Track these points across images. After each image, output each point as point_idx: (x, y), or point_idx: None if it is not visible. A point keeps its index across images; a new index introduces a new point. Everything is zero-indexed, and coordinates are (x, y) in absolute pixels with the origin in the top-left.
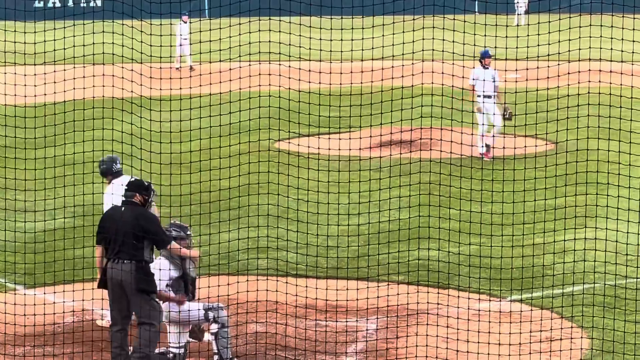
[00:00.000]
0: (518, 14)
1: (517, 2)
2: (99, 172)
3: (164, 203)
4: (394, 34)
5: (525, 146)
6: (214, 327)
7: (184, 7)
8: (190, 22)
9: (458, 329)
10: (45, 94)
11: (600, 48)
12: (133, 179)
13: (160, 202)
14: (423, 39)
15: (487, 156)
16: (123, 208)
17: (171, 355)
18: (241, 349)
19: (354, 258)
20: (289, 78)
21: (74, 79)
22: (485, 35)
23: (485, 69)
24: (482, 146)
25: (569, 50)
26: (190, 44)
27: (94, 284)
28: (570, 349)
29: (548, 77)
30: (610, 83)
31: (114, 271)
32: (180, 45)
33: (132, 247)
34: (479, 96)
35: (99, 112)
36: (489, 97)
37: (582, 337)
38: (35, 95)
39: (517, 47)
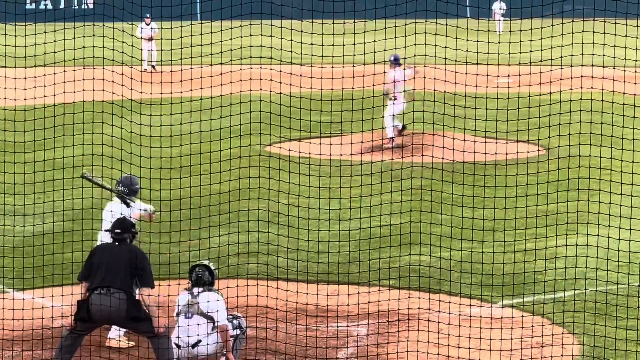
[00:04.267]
0: (498, 20)
1: (494, 9)
2: (127, 192)
3: (154, 207)
4: (385, 38)
5: (517, 151)
6: (236, 332)
7: (175, 11)
8: (152, 24)
9: (449, 334)
10: (35, 97)
11: (593, 54)
12: (122, 218)
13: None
14: (415, 44)
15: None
16: (117, 243)
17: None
18: None
19: (345, 262)
20: (280, 82)
21: (64, 82)
22: (477, 41)
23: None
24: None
25: (562, 56)
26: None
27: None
28: (562, 355)
29: (540, 83)
30: (602, 89)
31: (102, 300)
32: (150, 49)
33: (126, 279)
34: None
35: (89, 116)
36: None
37: (573, 343)
38: (25, 99)
39: (509, 53)
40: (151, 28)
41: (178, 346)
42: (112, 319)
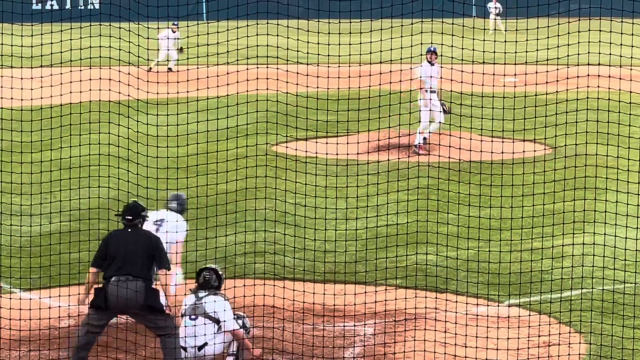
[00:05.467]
0: (493, 19)
1: (490, 7)
2: (180, 210)
3: (161, 207)
4: (392, 38)
5: (523, 150)
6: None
7: (181, 11)
8: (177, 33)
9: (456, 334)
10: (41, 97)
11: (599, 53)
12: (132, 203)
13: (157, 206)
14: (421, 43)
15: (422, 149)
16: (129, 230)
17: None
18: None
19: (351, 262)
20: (286, 82)
21: (71, 82)
22: (483, 40)
23: (432, 65)
24: (420, 142)
25: (568, 55)
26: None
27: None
28: (568, 355)
29: (547, 82)
30: (609, 88)
31: (119, 288)
32: (168, 49)
33: (144, 266)
34: (426, 91)
35: (95, 115)
36: (435, 92)
37: (579, 342)
38: (31, 99)
39: (515, 52)
40: (176, 38)
41: (184, 349)
42: (129, 307)
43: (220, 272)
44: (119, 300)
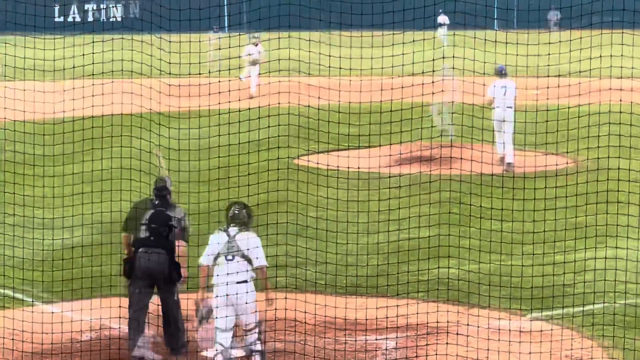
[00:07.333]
0: (443, 35)
1: (441, 23)
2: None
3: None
4: (414, 51)
5: (545, 164)
6: (258, 345)
7: (203, 23)
8: (259, 46)
9: (478, 347)
10: (64, 110)
11: (622, 67)
12: (165, 179)
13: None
14: (443, 57)
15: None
16: (157, 202)
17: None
18: None
19: (373, 275)
20: (308, 95)
21: (93, 95)
22: (506, 54)
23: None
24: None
25: (590, 68)
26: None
27: (112, 300)
28: None
29: (569, 95)
30: (632, 101)
31: (143, 260)
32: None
33: (167, 239)
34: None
35: (118, 128)
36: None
37: (602, 357)
38: (54, 112)
39: (537, 65)
40: (259, 52)
41: (226, 283)
42: (155, 276)
43: (250, 209)
44: (145, 270)
